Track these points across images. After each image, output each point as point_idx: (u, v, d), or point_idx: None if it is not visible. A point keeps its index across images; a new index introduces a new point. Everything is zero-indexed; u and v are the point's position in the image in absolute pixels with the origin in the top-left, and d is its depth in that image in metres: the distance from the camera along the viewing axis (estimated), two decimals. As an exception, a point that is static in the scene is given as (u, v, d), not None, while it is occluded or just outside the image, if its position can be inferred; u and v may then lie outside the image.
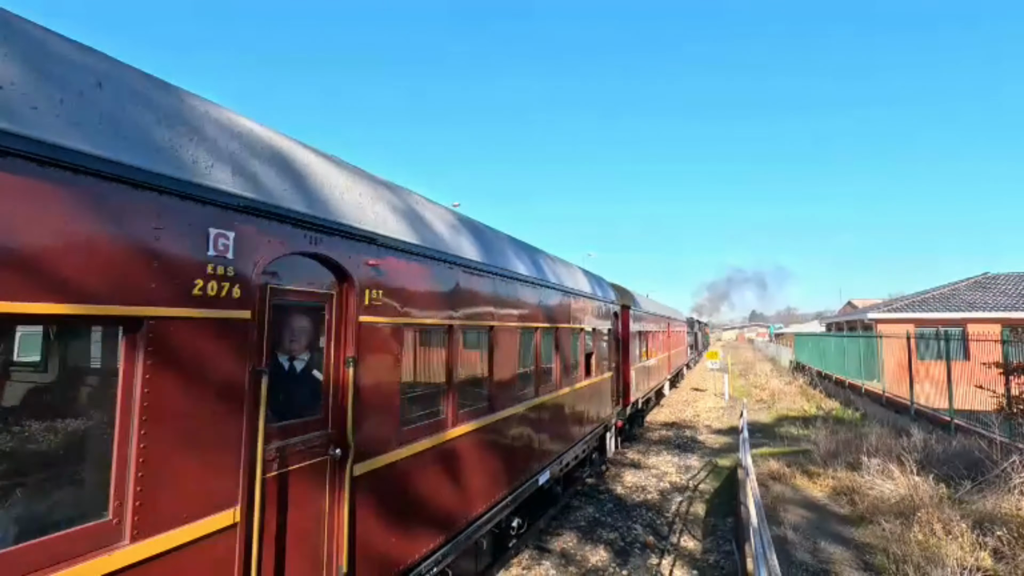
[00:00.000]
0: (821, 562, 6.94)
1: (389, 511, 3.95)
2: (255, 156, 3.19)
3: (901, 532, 7.28)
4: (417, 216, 4.88)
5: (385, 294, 3.93)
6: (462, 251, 5.39)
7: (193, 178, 2.64)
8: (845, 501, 9.10)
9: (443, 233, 5.22)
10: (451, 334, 5.05)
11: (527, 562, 7.47)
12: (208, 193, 2.69)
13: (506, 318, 6.38)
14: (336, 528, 3.47)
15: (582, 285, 10.22)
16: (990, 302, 23.62)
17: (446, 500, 4.88)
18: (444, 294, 4.88)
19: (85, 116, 2.29)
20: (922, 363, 15.81)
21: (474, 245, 5.85)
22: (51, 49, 2.31)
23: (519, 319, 6.81)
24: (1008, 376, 10.37)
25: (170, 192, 2.52)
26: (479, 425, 5.61)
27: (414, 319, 4.34)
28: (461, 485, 5.20)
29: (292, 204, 3.25)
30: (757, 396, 25.12)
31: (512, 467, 6.47)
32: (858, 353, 21.50)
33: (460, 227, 5.85)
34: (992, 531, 6.85)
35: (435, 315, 4.70)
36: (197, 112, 2.93)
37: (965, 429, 11.53)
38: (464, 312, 5.26)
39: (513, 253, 7.16)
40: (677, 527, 8.87)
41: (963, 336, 15.32)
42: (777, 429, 16.64)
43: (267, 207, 3.04)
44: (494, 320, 6.03)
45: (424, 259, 4.56)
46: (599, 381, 11.18)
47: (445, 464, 4.87)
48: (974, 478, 8.61)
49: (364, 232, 3.78)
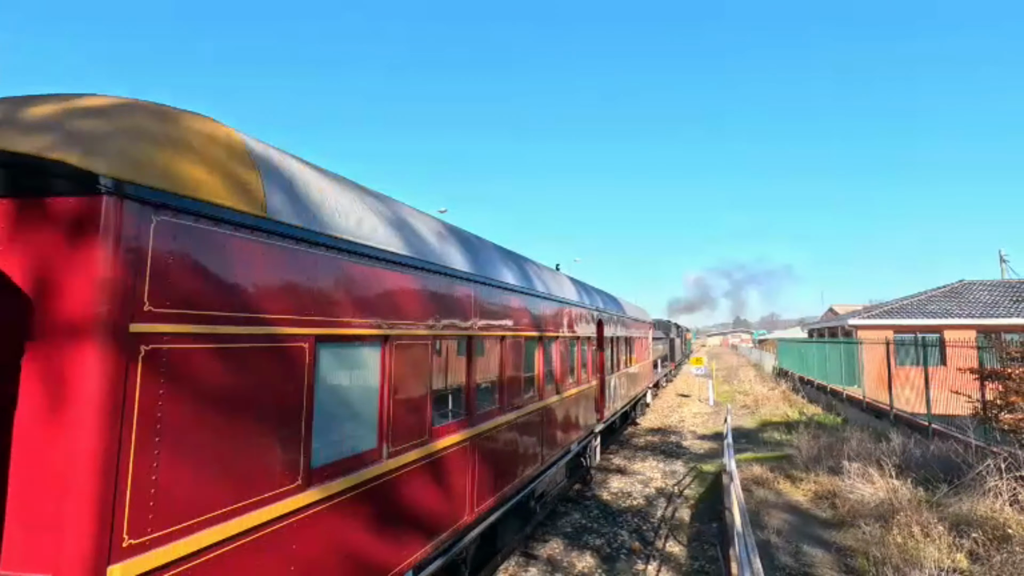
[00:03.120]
0: (803, 565, 7.05)
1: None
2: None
3: (881, 535, 7.42)
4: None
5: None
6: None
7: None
8: (826, 505, 9.25)
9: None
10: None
11: (514, 568, 7.48)
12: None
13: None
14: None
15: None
16: (966, 309, 24.18)
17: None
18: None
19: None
20: (901, 369, 16.12)
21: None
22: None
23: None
24: (983, 381, 10.62)
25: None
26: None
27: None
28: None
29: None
30: (741, 402, 25.39)
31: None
32: (839, 359, 21.85)
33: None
34: (968, 533, 7.01)
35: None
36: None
37: (942, 433, 11.78)
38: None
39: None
40: (663, 532, 8.93)
41: (940, 342, 15.64)
42: (761, 434, 16.84)
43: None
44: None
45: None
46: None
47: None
48: (951, 481, 8.80)
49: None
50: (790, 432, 15.27)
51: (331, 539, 3.33)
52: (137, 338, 2.26)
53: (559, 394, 8.85)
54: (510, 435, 6.66)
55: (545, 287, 8.45)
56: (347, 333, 3.58)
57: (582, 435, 10.57)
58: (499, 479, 6.19)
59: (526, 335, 7.25)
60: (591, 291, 12.77)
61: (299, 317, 3.14)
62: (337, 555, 3.39)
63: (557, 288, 9.26)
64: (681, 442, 16.31)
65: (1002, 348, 10.01)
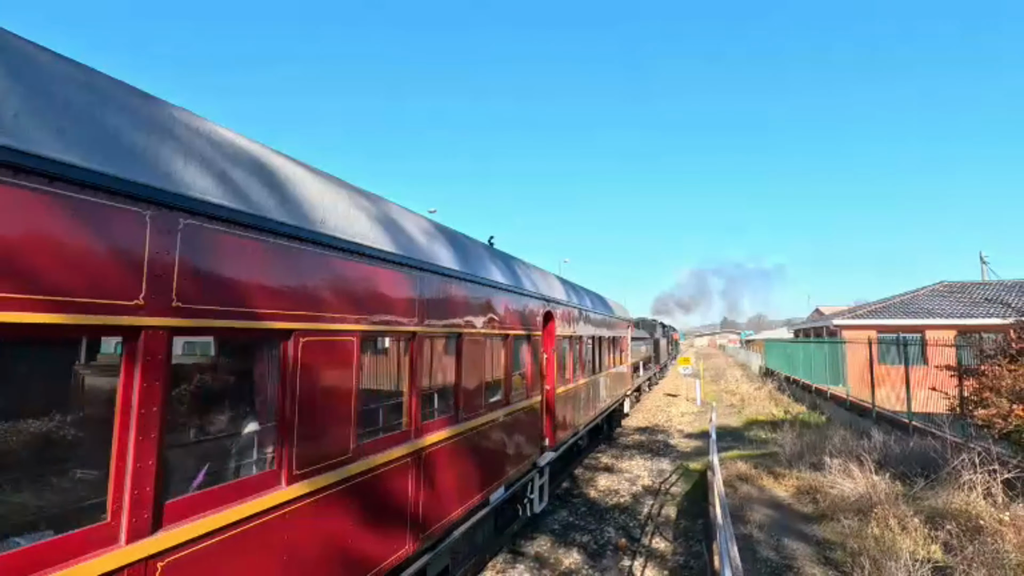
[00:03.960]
0: (784, 558, 7.20)
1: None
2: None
3: (859, 528, 7.60)
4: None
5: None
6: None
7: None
8: (808, 500, 9.43)
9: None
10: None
11: (501, 565, 7.57)
12: None
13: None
14: None
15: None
16: (947, 309, 24.62)
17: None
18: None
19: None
20: (884, 368, 16.41)
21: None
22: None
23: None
24: (960, 378, 10.89)
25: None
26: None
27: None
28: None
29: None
30: (728, 401, 25.67)
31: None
32: (824, 359, 22.16)
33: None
34: (943, 525, 7.21)
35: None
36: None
37: (922, 430, 12.05)
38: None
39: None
40: (649, 529, 9.07)
41: (921, 341, 15.95)
42: (746, 433, 17.07)
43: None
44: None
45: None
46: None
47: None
48: (928, 476, 9.02)
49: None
50: (775, 430, 15.50)
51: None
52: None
53: (463, 422, 5.87)
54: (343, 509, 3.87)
55: (425, 253, 5.23)
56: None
57: (512, 475, 7.48)
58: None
59: (371, 329, 4.25)
60: (533, 273, 9.31)
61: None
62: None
63: (457, 258, 6.00)
64: (668, 441, 16.49)
65: (978, 347, 10.27)
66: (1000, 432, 8.54)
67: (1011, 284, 27.04)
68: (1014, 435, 8.38)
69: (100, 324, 2.40)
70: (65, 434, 2.67)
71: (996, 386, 8.73)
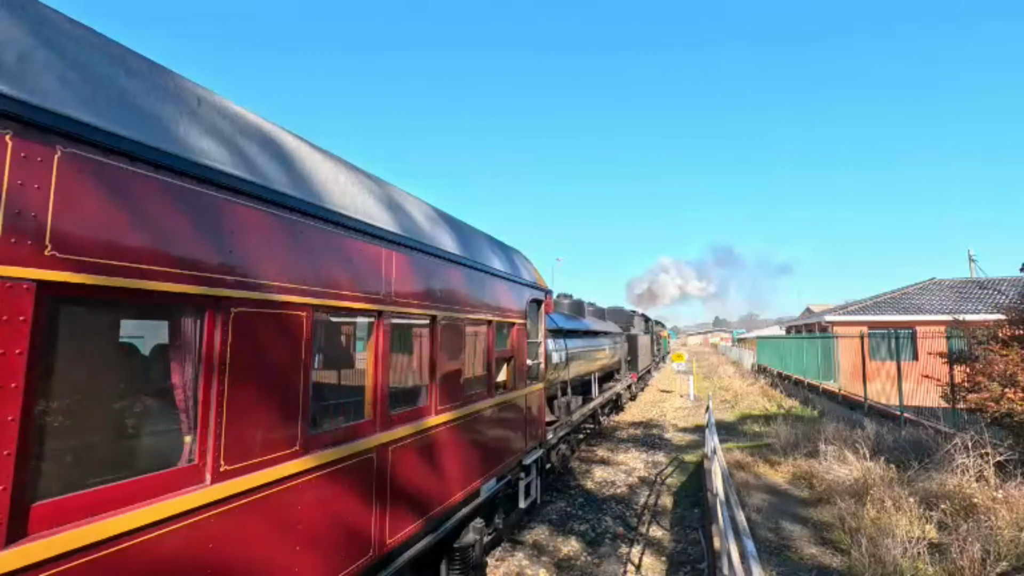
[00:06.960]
0: (782, 539, 7.25)
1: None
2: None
3: (855, 509, 7.67)
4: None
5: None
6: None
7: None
8: (804, 485, 9.50)
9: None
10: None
11: (500, 554, 7.56)
12: None
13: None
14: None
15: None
16: (937, 305, 24.91)
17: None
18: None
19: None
20: (875, 363, 16.56)
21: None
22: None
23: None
24: (951, 365, 11.00)
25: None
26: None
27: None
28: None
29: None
30: (721, 397, 25.77)
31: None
32: (816, 354, 22.33)
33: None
34: (937, 505, 7.28)
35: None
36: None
37: (913, 422, 12.17)
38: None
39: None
40: (646, 518, 9.09)
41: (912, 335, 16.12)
42: (740, 426, 17.15)
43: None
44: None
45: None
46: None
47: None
48: (921, 460, 9.12)
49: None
50: (768, 424, 15.59)
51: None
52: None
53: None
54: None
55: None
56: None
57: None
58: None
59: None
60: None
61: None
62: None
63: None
64: (663, 434, 16.54)
65: (970, 333, 10.39)
66: (992, 416, 8.65)
67: (999, 280, 27.40)
68: (1006, 418, 8.48)
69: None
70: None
71: (988, 371, 8.83)
